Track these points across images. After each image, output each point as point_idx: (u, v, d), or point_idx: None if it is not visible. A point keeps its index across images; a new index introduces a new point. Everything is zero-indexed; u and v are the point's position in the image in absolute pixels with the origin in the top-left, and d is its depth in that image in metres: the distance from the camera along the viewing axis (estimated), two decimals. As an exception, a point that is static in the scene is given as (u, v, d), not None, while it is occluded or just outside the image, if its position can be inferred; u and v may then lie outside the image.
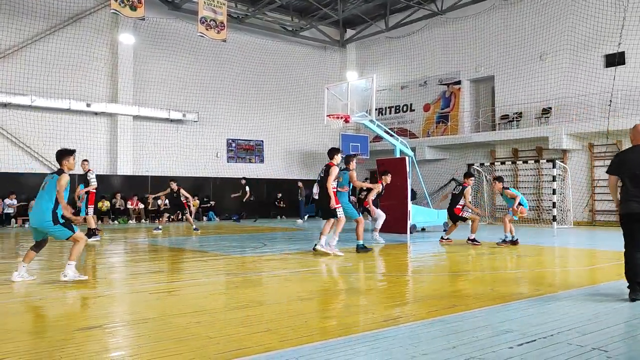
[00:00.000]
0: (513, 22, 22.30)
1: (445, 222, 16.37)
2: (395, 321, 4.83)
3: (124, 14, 19.85)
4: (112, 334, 4.50)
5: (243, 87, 25.52)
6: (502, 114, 22.55)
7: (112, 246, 12.16)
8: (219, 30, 21.74)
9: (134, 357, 3.84)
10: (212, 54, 24.27)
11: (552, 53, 21.05)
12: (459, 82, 24.72)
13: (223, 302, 5.92)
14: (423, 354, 3.80)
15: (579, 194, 19.86)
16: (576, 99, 19.86)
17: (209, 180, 24.36)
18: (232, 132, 25.39)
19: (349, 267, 8.62)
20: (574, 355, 3.78)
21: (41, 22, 20.38)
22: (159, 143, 23.23)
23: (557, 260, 9.81)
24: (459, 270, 8.20)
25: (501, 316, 5.00)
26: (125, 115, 22.14)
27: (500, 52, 22.74)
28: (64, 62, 20.81)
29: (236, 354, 3.81)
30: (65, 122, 20.76)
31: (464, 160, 23.73)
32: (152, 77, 23.01)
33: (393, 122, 27.26)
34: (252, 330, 4.57)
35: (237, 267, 8.69)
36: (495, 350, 3.90)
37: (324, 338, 4.25)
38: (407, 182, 14.43)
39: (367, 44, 28.80)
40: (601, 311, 5.21)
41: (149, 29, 22.70)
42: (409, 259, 10.09)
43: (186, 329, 4.55)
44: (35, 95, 19.95)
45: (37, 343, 4.25)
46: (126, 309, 5.69)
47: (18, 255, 9.98)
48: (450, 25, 24.72)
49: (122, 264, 9.55)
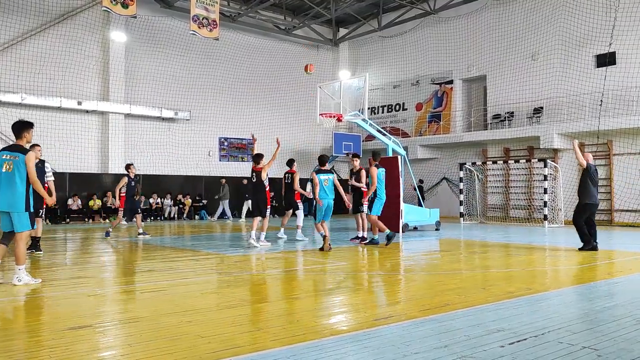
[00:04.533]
0: (505, 21, 22.39)
1: (437, 222, 16.43)
2: (386, 320, 4.83)
3: (116, 12, 19.75)
4: (103, 334, 4.48)
5: (235, 85, 25.45)
6: (494, 114, 22.64)
7: (102, 245, 12.09)
8: (211, 28, 21.67)
9: (125, 356, 3.82)
10: (204, 52, 24.20)
11: (543, 53, 21.15)
12: (451, 81, 24.78)
13: (214, 301, 5.90)
14: (414, 353, 3.80)
15: (570, 193, 19.96)
16: (567, 99, 19.97)
17: (201, 179, 24.28)
18: (224, 130, 25.33)
19: (341, 266, 8.62)
20: (565, 353, 3.80)
21: (32, 20, 20.22)
22: (151, 141, 23.12)
23: (548, 259, 9.86)
24: (451, 269, 8.23)
25: (492, 315, 5.02)
26: (116, 114, 22.01)
27: (493, 52, 22.82)
28: (55, 60, 20.66)
29: (227, 353, 3.80)
30: (56, 120, 20.61)
31: (455, 159, 23.80)
32: (143, 75, 22.89)
33: (385, 121, 27.31)
34: (244, 330, 4.56)
35: (228, 266, 8.66)
36: (487, 349, 3.91)
37: (315, 337, 4.24)
38: (400, 181, 14.43)
39: (359, 43, 28.82)
40: (591, 310, 5.24)
41: (140, 26, 22.58)
42: (401, 258, 10.10)
43: (177, 328, 4.54)
44: (26, 93, 19.79)
45: (26, 343, 4.21)
46: (117, 308, 5.65)
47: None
48: (442, 25, 24.78)
49: (113, 262, 9.50)
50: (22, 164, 6.53)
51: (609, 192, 19.11)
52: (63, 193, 20.47)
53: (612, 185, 19.01)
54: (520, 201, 21.48)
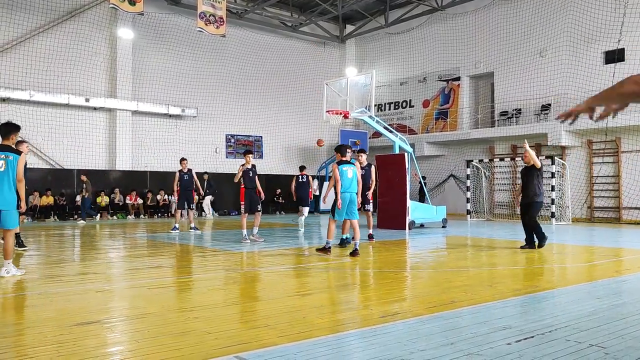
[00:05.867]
0: (513, 18, 22.26)
1: (444, 219, 16.40)
2: (393, 317, 4.84)
3: (123, 9, 19.80)
4: (111, 329, 4.50)
5: (242, 82, 25.47)
6: (501, 111, 22.54)
7: (110, 241, 12.15)
8: (218, 25, 21.69)
9: (132, 352, 3.84)
10: (211, 49, 24.22)
11: (551, 49, 21.02)
12: (458, 78, 24.69)
13: (221, 297, 5.93)
14: (421, 350, 3.80)
15: (577, 191, 19.88)
16: (576, 96, 19.84)
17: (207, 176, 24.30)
18: (231, 127, 25.37)
19: (347, 263, 8.63)
20: (572, 351, 3.79)
21: (40, 17, 20.31)
22: (158, 138, 23.19)
23: (555, 256, 9.82)
24: (458, 267, 8.21)
25: (499, 312, 5.01)
26: (123, 111, 22.09)
27: (500, 49, 22.71)
28: (63, 57, 20.74)
29: (234, 349, 3.81)
30: (64, 117, 20.72)
31: (462, 156, 23.73)
32: (150, 72, 22.95)
33: (392, 118, 27.25)
34: (251, 326, 4.58)
35: (236, 263, 8.69)
36: (493, 346, 3.90)
37: (322, 334, 4.25)
38: (406, 178, 14.42)
39: (366, 39, 28.76)
40: (599, 308, 5.22)
41: (147, 24, 22.64)
42: (407, 255, 10.09)
43: (185, 324, 4.56)
44: (34, 90, 19.90)
45: (34, 338, 4.25)
46: (125, 304, 5.69)
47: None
48: (450, 21, 24.68)
49: (121, 259, 9.55)
50: (14, 164, 6.80)
51: (617, 189, 19.01)
52: (71, 190, 20.59)
53: (620, 183, 18.90)
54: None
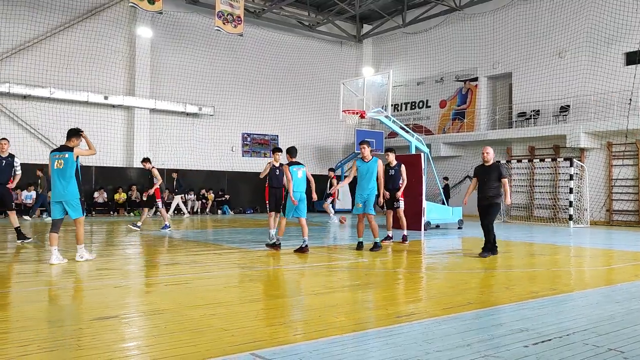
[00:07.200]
0: (531, 18, 22.04)
1: (460, 220, 16.30)
2: (409, 317, 4.83)
3: (142, 8, 19.98)
4: (128, 324, 4.56)
5: (259, 81, 25.55)
6: (519, 112, 22.33)
7: (127, 238, 12.28)
8: (235, 24, 21.79)
9: (149, 347, 3.89)
10: (228, 48, 24.34)
11: (571, 50, 20.77)
12: (476, 78, 24.51)
13: (237, 294, 5.96)
14: (437, 351, 3.79)
15: (596, 193, 19.62)
16: (595, 97, 19.59)
17: (224, 174, 24.47)
18: (247, 126, 25.47)
19: (363, 263, 8.62)
20: (590, 355, 3.75)
21: (60, 15, 20.58)
22: (175, 136, 23.37)
23: (573, 259, 9.72)
24: (474, 268, 8.16)
25: (516, 315, 4.98)
26: (142, 109, 22.30)
27: (518, 49, 22.49)
28: (83, 55, 21.00)
29: (250, 346, 3.83)
30: (83, 115, 20.95)
31: (479, 157, 23.48)
32: (169, 70, 23.14)
33: (409, 118, 27.15)
34: (267, 323, 4.60)
35: (252, 261, 8.73)
36: (510, 348, 3.88)
37: (337, 333, 4.25)
38: (423, 179, 14.35)
39: (383, 39, 28.67)
40: (618, 312, 5.16)
41: (166, 22, 22.81)
42: (423, 256, 10.06)
43: (201, 321, 4.60)
44: (54, 87, 20.17)
45: (54, 331, 4.32)
46: (142, 300, 5.75)
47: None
48: (468, 22, 24.51)
49: (138, 255, 9.65)
50: (71, 161, 7.91)
51: (637, 192, 18.73)
52: (89, 186, 20.83)
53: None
54: (545, 201, 21.15)
